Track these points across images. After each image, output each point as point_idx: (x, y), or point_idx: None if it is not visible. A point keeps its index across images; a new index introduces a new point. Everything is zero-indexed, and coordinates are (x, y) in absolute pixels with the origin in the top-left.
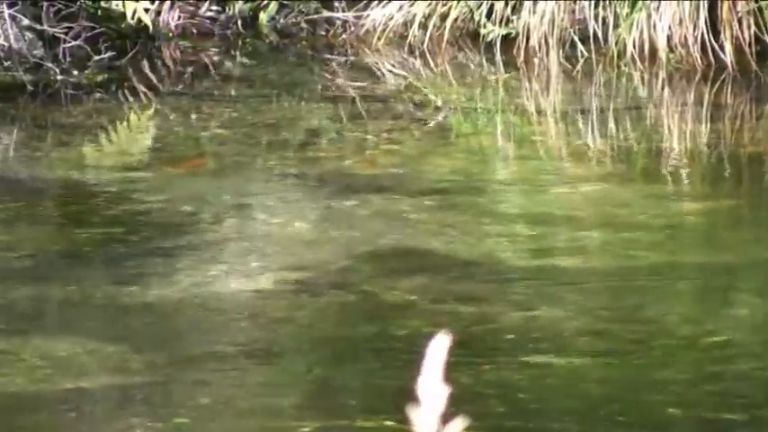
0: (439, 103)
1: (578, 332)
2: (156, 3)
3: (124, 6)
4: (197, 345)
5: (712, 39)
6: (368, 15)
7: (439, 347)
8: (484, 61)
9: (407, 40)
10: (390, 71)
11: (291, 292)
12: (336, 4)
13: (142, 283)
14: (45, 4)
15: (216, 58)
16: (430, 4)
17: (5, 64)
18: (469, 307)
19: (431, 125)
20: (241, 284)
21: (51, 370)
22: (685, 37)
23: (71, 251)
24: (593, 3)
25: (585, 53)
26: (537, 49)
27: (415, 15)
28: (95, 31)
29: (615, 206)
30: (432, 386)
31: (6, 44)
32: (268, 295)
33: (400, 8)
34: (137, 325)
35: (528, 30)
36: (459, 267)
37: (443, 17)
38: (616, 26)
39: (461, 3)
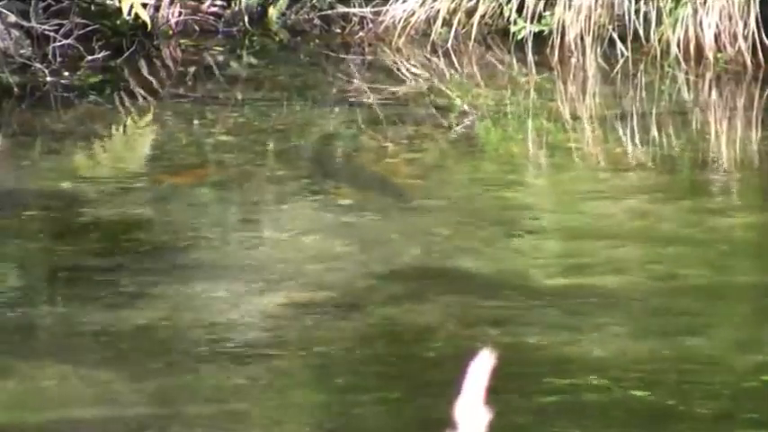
0: (465, 108)
1: (617, 358)
2: None
3: (120, 2)
4: (198, 374)
5: (764, 36)
6: (387, 11)
7: (481, 367)
8: (514, 61)
9: (430, 39)
10: (412, 72)
11: (303, 316)
12: None
13: (138, 306)
14: None
15: (220, 58)
16: None
17: None
18: (499, 330)
19: (456, 132)
20: (248, 307)
21: (37, 399)
22: (735, 34)
23: (60, 270)
24: None
25: (625, 52)
26: (572, 47)
27: (438, 11)
28: (88, 29)
29: (657, 220)
30: (471, 410)
31: None
32: (278, 319)
33: (422, 3)
34: (131, 352)
35: (563, 27)
36: (488, 287)
37: (470, 13)
38: (659, 23)
39: None
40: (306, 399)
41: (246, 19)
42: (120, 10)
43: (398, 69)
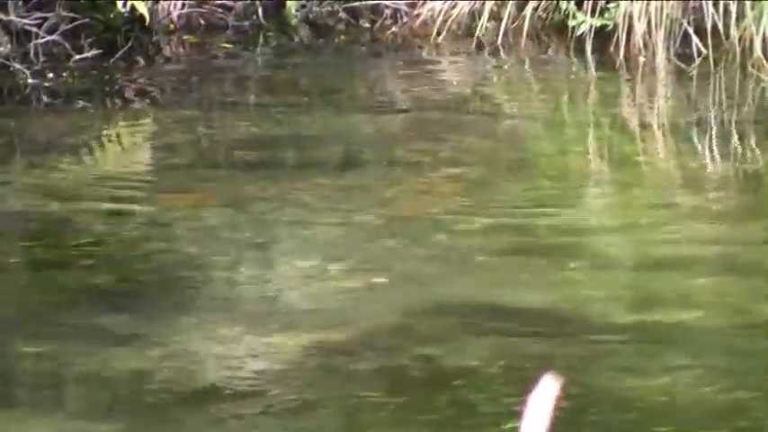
0: (515, 115)
1: (694, 406)
2: None
3: None
4: (204, 429)
5: None
6: (424, 3)
7: (544, 396)
8: (573, 61)
9: (475, 35)
10: (454, 74)
11: (326, 360)
12: None
13: (135, 347)
14: None
15: (230, 57)
16: None
17: None
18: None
19: (504, 142)
20: (261, 349)
21: None
22: None
23: (45, 305)
24: None
25: (702, 50)
26: (641, 45)
27: (484, 3)
28: (76, 23)
29: (738, 247)
30: None
31: None
32: (296, 363)
33: None
34: (128, 400)
35: (629, 21)
36: (542, 325)
37: (521, 6)
38: (741, 16)
39: None
40: None
41: (260, 11)
42: (113, 1)
43: (438, 70)
